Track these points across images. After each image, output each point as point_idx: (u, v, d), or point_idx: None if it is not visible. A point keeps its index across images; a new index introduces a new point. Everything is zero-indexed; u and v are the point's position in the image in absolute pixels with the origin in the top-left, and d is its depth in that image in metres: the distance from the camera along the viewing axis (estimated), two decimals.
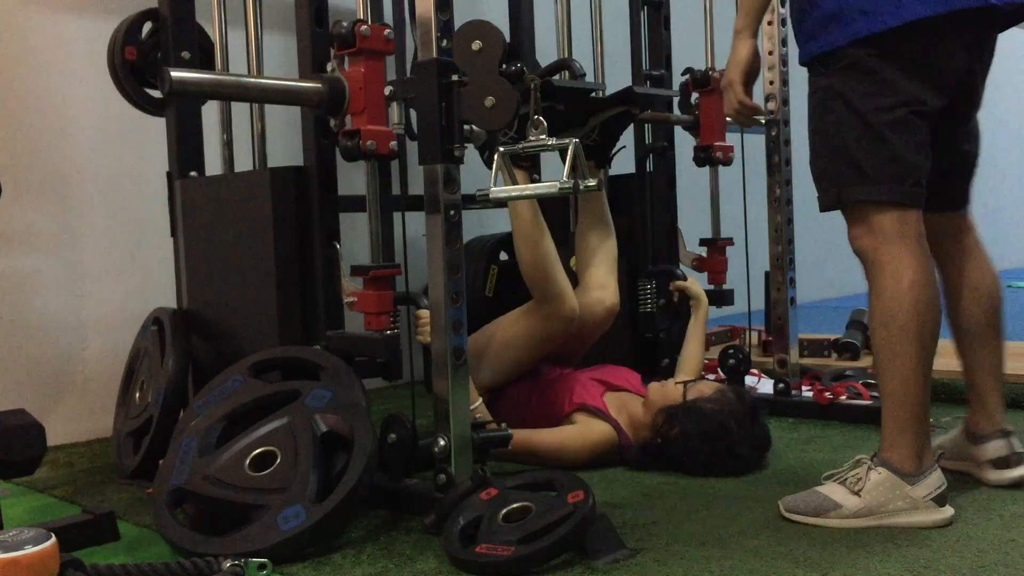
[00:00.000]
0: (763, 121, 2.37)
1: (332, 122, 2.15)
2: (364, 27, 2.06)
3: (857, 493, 1.89)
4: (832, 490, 1.92)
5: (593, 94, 2.74)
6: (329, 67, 2.15)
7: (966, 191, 2.11)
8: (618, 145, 2.84)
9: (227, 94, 2.34)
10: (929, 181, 1.93)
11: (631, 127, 3.11)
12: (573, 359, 2.71)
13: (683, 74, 3.11)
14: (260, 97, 2.36)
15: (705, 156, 3.09)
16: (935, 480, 1.89)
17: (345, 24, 2.06)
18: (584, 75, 2.65)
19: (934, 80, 1.89)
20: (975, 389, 2.10)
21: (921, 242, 1.90)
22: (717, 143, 3.08)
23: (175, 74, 1.95)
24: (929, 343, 1.89)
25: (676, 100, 3.18)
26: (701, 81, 3.06)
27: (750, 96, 2.14)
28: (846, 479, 1.92)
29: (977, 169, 2.11)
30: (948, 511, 1.89)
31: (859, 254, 1.95)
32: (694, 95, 3.11)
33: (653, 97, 2.96)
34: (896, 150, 1.88)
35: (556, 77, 2.64)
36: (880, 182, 1.88)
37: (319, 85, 2.09)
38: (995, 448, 2.08)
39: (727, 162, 3.11)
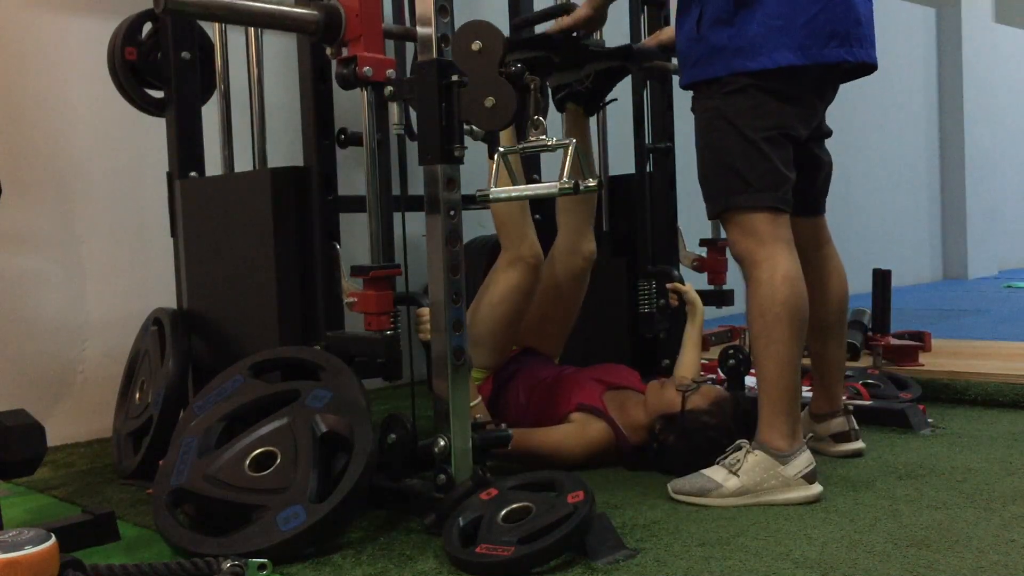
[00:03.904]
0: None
1: (328, 50, 2.12)
2: None
3: (735, 474, 2.08)
4: (714, 472, 2.10)
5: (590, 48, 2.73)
6: None
7: (823, 198, 2.42)
8: (610, 96, 2.83)
9: (219, 15, 2.21)
10: (795, 189, 2.20)
11: (632, 122, 3.11)
12: (565, 320, 2.72)
13: None
14: (253, 20, 2.27)
15: None
16: (805, 460, 2.09)
17: None
18: None
19: (799, 114, 2.18)
20: (822, 376, 2.46)
21: (791, 244, 2.16)
22: None
23: None
24: (800, 331, 2.12)
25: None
26: None
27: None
28: (726, 461, 2.10)
29: (830, 179, 2.42)
30: (817, 488, 2.08)
31: (738, 256, 2.19)
32: None
33: (650, 54, 2.94)
34: (772, 162, 2.14)
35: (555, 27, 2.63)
36: (760, 190, 2.13)
37: (315, 12, 2.05)
38: (836, 424, 2.44)
39: None
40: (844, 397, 2.68)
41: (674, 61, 3.06)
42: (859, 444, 2.44)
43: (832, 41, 2.11)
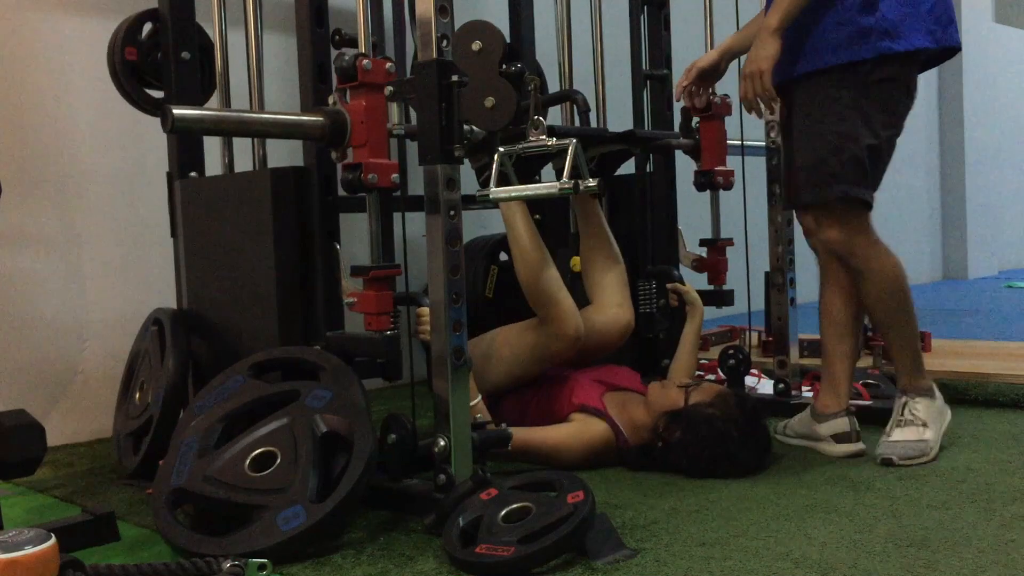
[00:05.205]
0: (772, 112, 2.71)
1: (334, 154, 2.16)
2: (366, 61, 2.06)
3: (926, 425, 2.36)
4: (911, 432, 2.35)
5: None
6: (331, 100, 2.15)
7: None
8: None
9: (229, 130, 2.36)
10: None
11: (632, 122, 3.11)
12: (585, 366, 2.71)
13: None
14: (261, 131, 2.36)
15: (706, 181, 3.08)
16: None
17: (347, 57, 2.06)
18: (588, 110, 2.64)
19: (903, 118, 2.36)
20: (834, 372, 2.52)
21: None
22: (718, 168, 3.06)
23: (177, 112, 1.95)
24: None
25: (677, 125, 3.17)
26: (702, 106, 3.04)
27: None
28: (902, 419, 2.38)
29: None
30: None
31: (844, 249, 2.35)
32: (695, 120, 3.10)
33: (654, 138, 2.96)
34: (885, 164, 2.35)
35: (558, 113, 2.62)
36: (870, 187, 2.31)
37: (321, 119, 2.09)
38: (839, 424, 2.46)
39: (728, 187, 3.08)
40: None
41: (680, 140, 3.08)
42: (860, 445, 2.45)
43: (950, 26, 2.29)
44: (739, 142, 3.07)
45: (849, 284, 2.47)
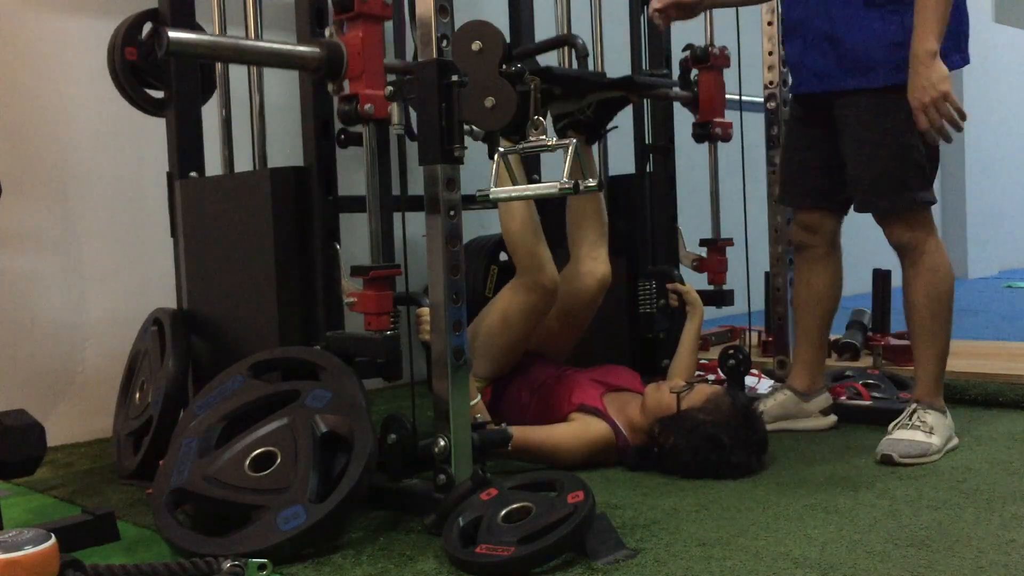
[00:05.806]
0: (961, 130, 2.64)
1: (330, 86, 2.14)
2: None
3: (932, 432, 2.38)
4: (915, 434, 2.38)
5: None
6: (327, 32, 2.14)
7: None
8: (611, 124, 2.84)
9: (224, 56, 2.31)
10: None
11: (632, 121, 3.11)
12: (572, 338, 2.71)
13: (683, 50, 3.11)
14: (257, 60, 2.32)
15: (704, 133, 3.09)
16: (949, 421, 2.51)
17: None
18: (587, 54, 2.64)
19: None
20: (816, 355, 2.73)
21: None
22: (716, 119, 3.07)
23: (173, 35, 1.91)
24: None
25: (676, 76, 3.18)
26: (701, 57, 3.06)
27: None
28: (909, 423, 2.41)
29: None
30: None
31: (907, 244, 2.44)
32: (694, 71, 3.11)
33: (653, 85, 2.96)
34: (938, 160, 2.46)
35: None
36: (931, 186, 2.45)
37: (317, 49, 2.08)
38: (825, 399, 2.74)
39: (726, 138, 3.11)
40: (843, 397, 2.83)
41: (675, 90, 3.09)
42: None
43: (968, 45, 2.43)
44: (737, 96, 3.08)
45: (832, 279, 2.69)
